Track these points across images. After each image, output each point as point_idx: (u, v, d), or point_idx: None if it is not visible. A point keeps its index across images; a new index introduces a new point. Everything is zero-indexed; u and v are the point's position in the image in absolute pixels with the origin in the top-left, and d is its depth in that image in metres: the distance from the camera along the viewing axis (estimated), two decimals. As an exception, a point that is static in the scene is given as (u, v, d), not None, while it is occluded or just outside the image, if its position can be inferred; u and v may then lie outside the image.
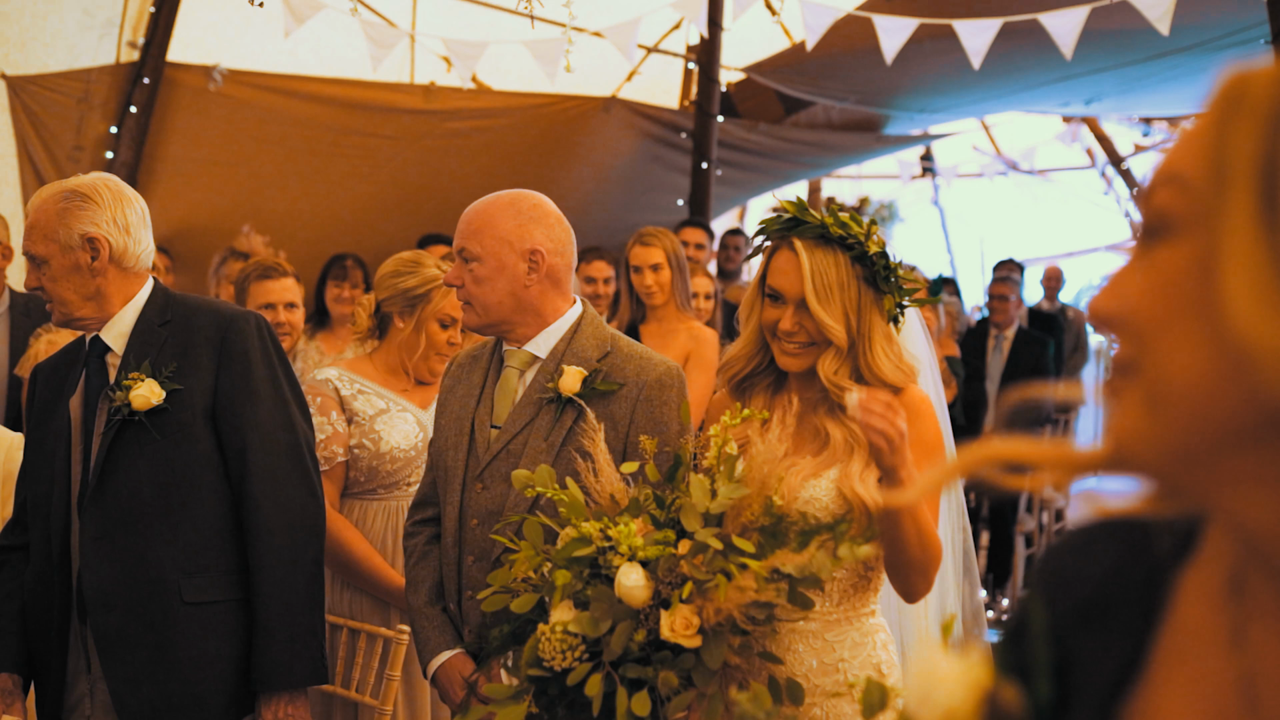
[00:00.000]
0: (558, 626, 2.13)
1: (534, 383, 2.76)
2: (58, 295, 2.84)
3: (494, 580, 2.31)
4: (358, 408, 3.59)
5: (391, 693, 3.25)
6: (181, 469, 2.81)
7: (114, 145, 7.01)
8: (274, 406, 2.88)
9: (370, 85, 7.64)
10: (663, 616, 2.10)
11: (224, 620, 2.83)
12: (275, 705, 2.84)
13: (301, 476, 2.90)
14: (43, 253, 2.83)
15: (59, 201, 2.84)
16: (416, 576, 2.87)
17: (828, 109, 9.32)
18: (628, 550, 2.13)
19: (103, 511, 2.79)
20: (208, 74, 7.20)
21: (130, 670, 2.77)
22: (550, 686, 2.17)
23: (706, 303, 5.57)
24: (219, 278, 5.76)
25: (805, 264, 2.45)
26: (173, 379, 2.81)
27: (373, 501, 3.65)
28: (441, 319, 3.69)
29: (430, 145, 7.96)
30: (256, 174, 7.62)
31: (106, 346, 2.89)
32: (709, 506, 2.16)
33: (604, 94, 8.33)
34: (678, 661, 2.10)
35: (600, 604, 2.11)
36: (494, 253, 2.73)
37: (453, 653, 2.75)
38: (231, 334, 2.86)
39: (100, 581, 2.78)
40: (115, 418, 2.79)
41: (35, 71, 6.84)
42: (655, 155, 8.74)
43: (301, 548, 2.87)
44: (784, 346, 2.51)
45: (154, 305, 2.91)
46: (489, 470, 2.73)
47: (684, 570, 2.12)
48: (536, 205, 2.80)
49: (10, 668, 2.85)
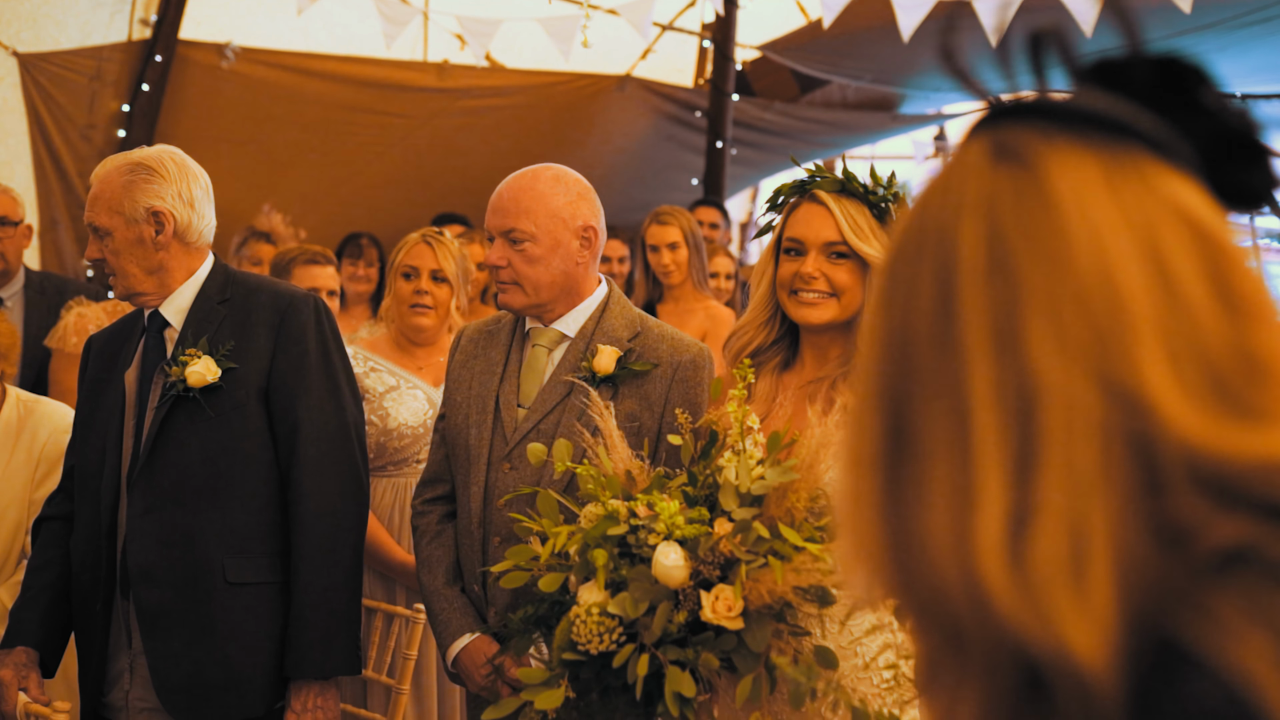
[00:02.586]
0: (593, 608, 2.08)
1: (563, 362, 2.71)
2: (120, 268, 2.83)
3: (513, 556, 2.27)
4: (369, 385, 3.61)
5: (408, 672, 3.24)
6: (232, 448, 2.79)
7: (126, 123, 6.97)
8: (326, 392, 2.85)
9: (383, 63, 7.58)
10: (704, 598, 2.07)
11: (265, 603, 2.81)
12: (305, 695, 2.81)
13: (349, 464, 2.87)
14: (107, 225, 2.80)
15: (125, 174, 2.81)
16: (431, 556, 2.81)
17: (843, 88, 9.25)
18: (665, 528, 2.09)
19: (151, 486, 2.77)
20: (220, 52, 7.15)
21: (170, 646, 2.76)
22: (584, 670, 2.13)
23: (727, 283, 5.53)
24: (240, 258, 5.72)
25: (835, 208, 2.43)
26: (229, 357, 2.78)
27: (381, 478, 3.67)
28: (404, 271, 3.72)
29: (444, 123, 7.91)
30: (269, 152, 7.58)
31: (165, 321, 2.87)
32: (750, 488, 2.12)
33: (618, 72, 8.27)
34: (718, 643, 2.06)
35: (640, 584, 2.07)
36: (549, 231, 2.67)
37: (474, 636, 2.71)
38: (290, 316, 2.84)
39: (145, 556, 2.76)
40: (169, 393, 2.77)
41: (47, 49, 6.80)
42: (669, 134, 8.69)
43: (344, 536, 2.85)
44: (802, 297, 2.45)
45: (214, 282, 2.89)
46: (518, 451, 2.68)
47: (725, 550, 2.09)
48: (579, 180, 2.76)
49: (29, 642, 2.82)
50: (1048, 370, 0.74)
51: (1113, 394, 0.73)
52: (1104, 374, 0.73)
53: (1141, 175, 0.77)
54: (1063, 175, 0.77)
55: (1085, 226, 0.75)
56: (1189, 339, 0.74)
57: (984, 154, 0.80)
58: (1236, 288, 0.75)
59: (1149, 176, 0.77)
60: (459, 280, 3.78)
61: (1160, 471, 0.72)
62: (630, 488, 2.24)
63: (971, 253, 0.77)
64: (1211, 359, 0.74)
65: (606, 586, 2.12)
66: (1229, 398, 0.73)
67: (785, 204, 2.54)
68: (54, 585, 2.89)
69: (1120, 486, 0.72)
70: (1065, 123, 0.79)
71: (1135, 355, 0.73)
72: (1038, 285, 0.75)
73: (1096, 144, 0.78)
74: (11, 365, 3.48)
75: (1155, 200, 0.76)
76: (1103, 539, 0.72)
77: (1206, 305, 0.74)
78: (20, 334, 4.63)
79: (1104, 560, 0.72)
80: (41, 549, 2.94)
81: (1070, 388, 0.73)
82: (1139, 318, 0.73)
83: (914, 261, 0.80)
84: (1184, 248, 0.75)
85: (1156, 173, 0.77)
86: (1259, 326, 0.75)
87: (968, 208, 0.78)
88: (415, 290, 3.71)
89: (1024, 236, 0.76)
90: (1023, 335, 0.75)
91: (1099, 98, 0.79)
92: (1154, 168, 0.78)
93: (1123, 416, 0.73)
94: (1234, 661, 0.67)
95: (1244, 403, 0.73)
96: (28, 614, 2.85)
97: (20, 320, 4.76)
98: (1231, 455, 0.72)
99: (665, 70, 8.64)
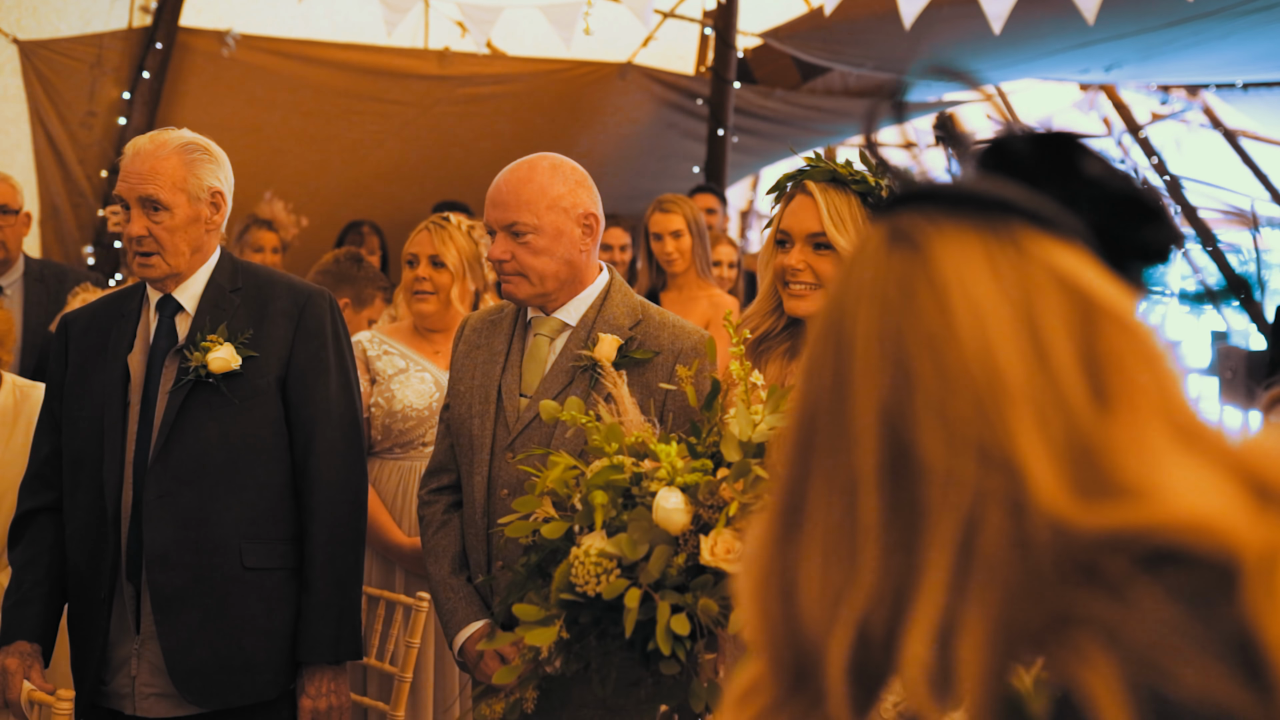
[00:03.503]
0: (591, 549, 2.09)
1: (565, 350, 2.71)
2: (172, 246, 2.82)
3: (520, 507, 2.27)
4: (380, 368, 3.71)
5: (411, 660, 3.24)
6: (250, 435, 2.82)
7: (127, 111, 6.96)
8: (340, 385, 2.92)
9: (384, 51, 7.57)
10: (702, 541, 2.08)
11: (278, 588, 2.85)
12: (319, 680, 2.86)
13: (357, 454, 2.95)
14: (169, 201, 2.80)
15: (184, 152, 2.83)
16: (437, 547, 2.82)
17: (845, 76, 9.23)
18: (667, 474, 2.11)
19: (167, 470, 2.78)
20: (221, 39, 7.14)
21: (185, 631, 2.77)
22: (582, 613, 2.13)
23: (730, 271, 5.53)
24: (242, 245, 5.71)
25: (820, 201, 2.44)
26: (248, 345, 2.81)
27: (388, 460, 3.72)
28: (407, 258, 3.83)
29: (445, 111, 7.90)
30: (270, 140, 7.57)
31: (179, 306, 2.87)
32: (750, 436, 2.13)
33: (619, 60, 8.25)
34: (717, 587, 2.07)
35: (639, 524, 2.08)
36: (552, 221, 2.67)
37: (481, 624, 2.71)
38: (310, 310, 2.89)
39: (161, 540, 2.76)
40: (186, 378, 2.78)
41: (47, 36, 6.79)
42: (671, 122, 8.68)
43: (353, 524, 2.92)
44: (791, 289, 2.48)
45: (223, 270, 2.92)
46: (520, 440, 2.68)
47: (725, 494, 2.09)
48: (575, 168, 2.76)
49: (31, 636, 2.81)
50: (930, 448, 0.79)
51: (989, 462, 0.78)
52: (982, 444, 0.78)
53: (1019, 248, 0.82)
54: (946, 255, 0.82)
55: (966, 303, 0.80)
56: (1059, 407, 0.78)
57: (881, 240, 0.86)
58: (1104, 355, 0.79)
59: (1027, 248, 0.82)
60: (461, 266, 3.80)
61: (1030, 533, 0.77)
62: (640, 448, 2.26)
63: (864, 337, 0.83)
64: (1076, 429, 0.78)
65: (609, 534, 2.13)
66: (1089, 468, 0.78)
67: (782, 195, 2.56)
68: (48, 580, 2.87)
69: (996, 549, 0.77)
70: (950, 205, 0.85)
71: (1010, 424, 0.78)
72: (924, 366, 0.80)
73: (979, 223, 0.83)
74: (8, 353, 3.48)
75: (1034, 270, 0.81)
76: (977, 618, 0.77)
77: (1074, 377, 0.79)
78: (19, 322, 4.64)
79: (974, 650, 0.77)
80: (30, 543, 2.91)
81: (951, 461, 0.78)
82: (1014, 388, 0.78)
83: (822, 340, 0.86)
84: (1059, 315, 0.80)
85: (1036, 244, 0.82)
86: (1118, 402, 0.79)
87: (865, 294, 0.84)
88: (415, 277, 3.76)
89: (911, 318, 0.82)
90: (908, 416, 0.80)
91: (981, 179, 0.86)
92: (1034, 240, 0.82)
93: (1000, 483, 0.77)
94: (1082, 685, 0.73)
95: (1101, 474, 0.77)
96: (27, 610, 2.83)
97: (20, 308, 4.76)
98: (1084, 526, 0.76)
99: (667, 58, 8.63)
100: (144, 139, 2.88)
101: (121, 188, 2.83)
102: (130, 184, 2.81)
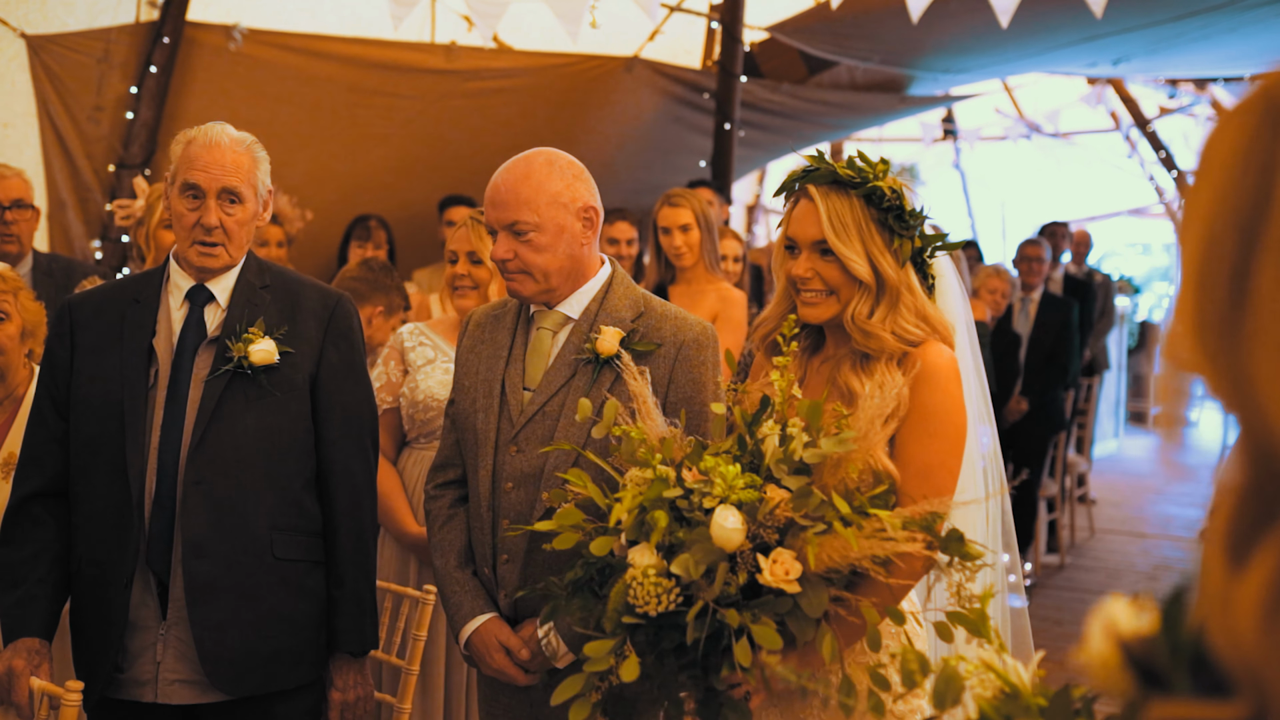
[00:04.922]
0: (649, 570, 2.10)
1: (568, 344, 2.72)
2: (240, 239, 2.93)
3: (561, 519, 2.26)
4: (412, 358, 3.81)
5: (418, 653, 3.26)
6: (285, 428, 2.89)
7: (134, 105, 6.96)
8: (364, 385, 3.04)
9: (391, 45, 7.57)
10: (762, 561, 2.09)
11: (305, 580, 2.92)
12: (346, 673, 2.96)
13: (375, 454, 3.06)
14: (246, 195, 2.91)
15: (250, 150, 2.95)
16: (444, 540, 2.83)
17: (851, 69, 9.22)
18: (723, 492, 2.11)
19: (203, 458, 2.80)
20: (228, 33, 7.13)
21: (217, 618, 2.80)
22: (639, 634, 2.15)
23: (735, 265, 5.53)
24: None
25: (821, 206, 2.45)
26: (283, 341, 2.89)
27: (412, 449, 3.79)
28: (450, 256, 3.89)
29: (451, 105, 7.89)
30: (277, 134, 7.54)
31: (210, 296, 2.92)
32: (802, 455, 2.15)
33: (626, 54, 8.25)
34: (774, 605, 2.09)
35: (702, 545, 2.09)
36: (552, 218, 2.68)
37: (487, 617, 2.72)
38: (339, 311, 3.00)
39: (194, 528, 2.79)
40: (225, 367, 2.83)
41: (55, 31, 6.78)
42: (677, 116, 8.67)
43: (373, 520, 3.03)
44: (803, 296, 2.50)
45: (250, 267, 2.99)
46: (524, 434, 2.69)
47: (782, 514, 2.11)
48: (571, 161, 2.77)
49: (38, 632, 2.81)
50: None
51: None
52: None
53: None
54: None
55: None
56: None
57: None
58: None
59: None
60: None
61: None
62: (673, 454, 2.27)
63: None
64: None
65: (658, 549, 2.13)
66: None
67: (788, 199, 2.57)
68: (52, 575, 2.86)
69: None
70: None
71: None
72: None
73: None
74: (39, 343, 3.49)
75: None
76: None
77: None
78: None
79: None
80: (28, 535, 2.88)
81: None
82: None
83: None
84: None
85: None
86: None
87: None
88: (456, 273, 3.84)
89: None
90: None
91: None
92: None
93: None
94: None
95: None
96: (33, 606, 2.82)
97: (29, 301, 4.75)
98: None
99: (673, 51, 8.62)
100: (215, 132, 2.94)
101: (201, 178, 2.88)
102: (213, 175, 2.88)
